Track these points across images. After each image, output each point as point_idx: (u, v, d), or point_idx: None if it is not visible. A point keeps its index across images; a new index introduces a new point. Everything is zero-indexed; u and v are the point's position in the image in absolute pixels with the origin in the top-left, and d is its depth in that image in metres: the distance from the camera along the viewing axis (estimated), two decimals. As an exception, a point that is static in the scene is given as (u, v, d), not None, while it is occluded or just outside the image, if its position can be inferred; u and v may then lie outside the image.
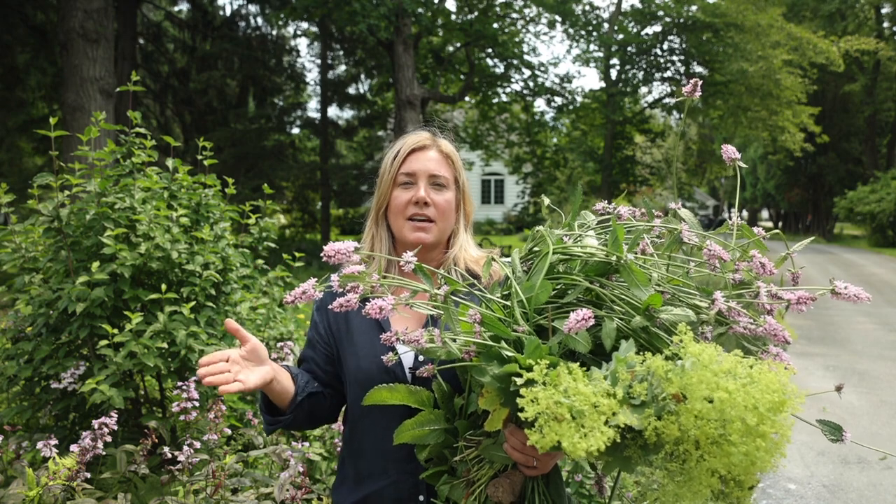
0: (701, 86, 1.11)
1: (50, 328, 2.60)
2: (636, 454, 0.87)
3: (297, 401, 1.31)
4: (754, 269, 1.04)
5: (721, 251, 1.04)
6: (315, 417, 1.39)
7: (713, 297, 1.01)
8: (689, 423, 0.81)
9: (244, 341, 1.21)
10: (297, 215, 20.66)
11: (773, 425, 0.79)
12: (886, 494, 3.92)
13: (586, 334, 0.98)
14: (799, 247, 1.09)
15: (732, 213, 1.17)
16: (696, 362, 0.83)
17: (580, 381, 0.85)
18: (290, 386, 1.31)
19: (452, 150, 1.45)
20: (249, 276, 3.18)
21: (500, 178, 33.04)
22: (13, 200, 2.69)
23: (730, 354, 0.86)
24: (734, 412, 0.79)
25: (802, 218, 36.85)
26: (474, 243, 1.48)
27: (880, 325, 9.29)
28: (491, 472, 1.15)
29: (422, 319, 1.35)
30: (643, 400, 0.85)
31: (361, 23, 11.51)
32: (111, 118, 7.75)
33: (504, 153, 20.03)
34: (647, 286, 1.01)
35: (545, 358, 0.91)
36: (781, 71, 16.41)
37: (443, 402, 1.18)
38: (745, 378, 0.82)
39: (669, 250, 1.13)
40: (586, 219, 1.26)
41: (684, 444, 0.83)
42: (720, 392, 0.79)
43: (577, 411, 0.82)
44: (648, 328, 1.00)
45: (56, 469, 2.03)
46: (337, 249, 1.04)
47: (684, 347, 0.86)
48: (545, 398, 0.84)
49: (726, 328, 1.02)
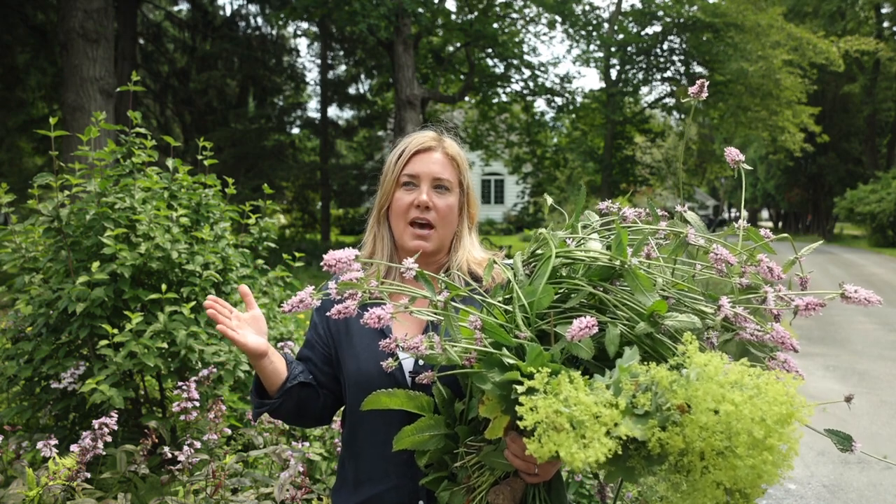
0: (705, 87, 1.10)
1: (50, 328, 2.60)
2: (639, 464, 0.86)
3: (287, 387, 1.31)
4: (761, 274, 1.02)
5: (728, 255, 1.02)
6: (304, 411, 1.37)
7: (719, 302, 0.99)
8: (693, 435, 0.80)
9: (249, 307, 1.31)
10: (297, 215, 20.67)
11: (781, 437, 0.78)
12: (886, 494, 3.92)
13: (590, 341, 0.97)
14: (808, 251, 1.07)
15: (733, 213, 1.15)
16: (701, 373, 0.81)
17: (581, 390, 0.84)
18: (283, 370, 1.32)
19: (458, 152, 1.42)
20: (249, 276, 3.18)
21: (500, 178, 33.04)
22: (13, 200, 2.69)
23: (737, 364, 0.84)
24: (741, 425, 0.77)
25: (802, 218, 36.85)
26: (479, 245, 1.46)
27: (880, 325, 9.29)
28: (492, 478, 1.13)
29: (423, 323, 1.33)
30: (647, 410, 0.83)
31: (361, 23, 11.51)
32: (111, 118, 7.74)
33: (504, 153, 20.02)
34: (651, 291, 1.00)
35: (547, 365, 0.89)
36: (781, 71, 16.43)
37: (443, 407, 1.17)
38: (753, 389, 0.80)
39: (675, 254, 1.11)
40: (590, 219, 1.24)
41: (689, 455, 0.82)
42: (726, 404, 0.78)
43: (577, 421, 0.81)
44: (653, 335, 0.99)
45: (56, 469, 2.03)
46: (338, 258, 1.01)
47: (689, 357, 0.84)
48: (545, 407, 0.82)
49: (733, 334, 1.00)
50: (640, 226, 1.18)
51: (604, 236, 1.18)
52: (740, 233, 1.10)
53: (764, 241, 1.07)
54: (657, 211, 1.21)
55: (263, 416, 2.73)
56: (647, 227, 1.17)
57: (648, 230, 1.15)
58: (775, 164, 31.58)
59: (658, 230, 1.15)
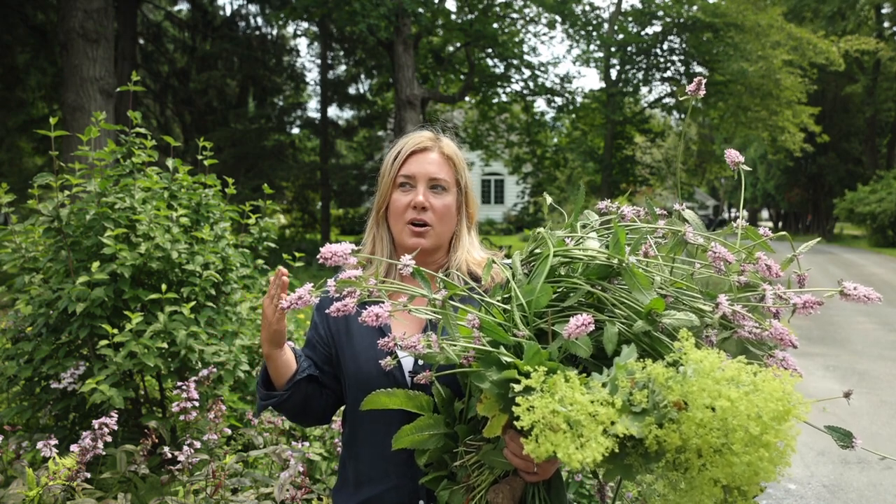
0: (703, 85, 1.10)
1: (50, 328, 2.60)
2: (637, 462, 0.86)
3: (296, 379, 1.31)
4: (760, 272, 1.02)
5: (726, 253, 1.02)
6: (308, 407, 1.37)
7: (717, 300, 0.99)
8: (690, 432, 0.79)
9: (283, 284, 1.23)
10: (297, 215, 20.67)
11: (778, 434, 0.77)
12: (886, 494, 3.92)
13: (587, 339, 0.97)
14: (805, 248, 1.07)
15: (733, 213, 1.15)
16: (697, 370, 0.81)
17: (577, 389, 0.83)
18: (293, 363, 1.32)
19: (455, 152, 1.42)
20: (249, 276, 3.18)
21: (500, 178, 33.04)
22: (13, 200, 2.68)
23: (734, 361, 0.84)
24: (737, 421, 0.77)
25: (802, 218, 36.86)
26: (479, 244, 1.46)
27: (880, 325, 9.29)
28: (491, 477, 1.13)
29: (422, 322, 1.33)
30: (644, 408, 0.83)
31: (361, 23, 11.51)
32: (111, 118, 7.74)
33: (504, 153, 20.02)
34: (649, 290, 1.00)
35: (544, 364, 0.89)
36: (781, 71, 16.43)
37: (443, 406, 1.17)
38: (749, 385, 0.80)
39: (674, 252, 1.11)
40: (589, 218, 1.23)
41: (686, 452, 0.82)
42: (722, 401, 0.77)
43: (573, 421, 0.81)
44: (651, 332, 0.99)
45: (56, 469, 2.03)
46: (334, 251, 1.01)
47: (686, 354, 0.84)
48: (541, 407, 0.82)
49: (731, 332, 1.00)
50: (637, 224, 1.18)
51: (603, 235, 1.18)
52: (739, 231, 1.10)
53: (763, 240, 1.07)
54: (656, 210, 1.20)
55: (263, 415, 2.74)
56: (645, 225, 1.16)
57: (646, 229, 1.14)
58: (775, 164, 31.58)
59: (656, 229, 1.15)
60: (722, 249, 1.02)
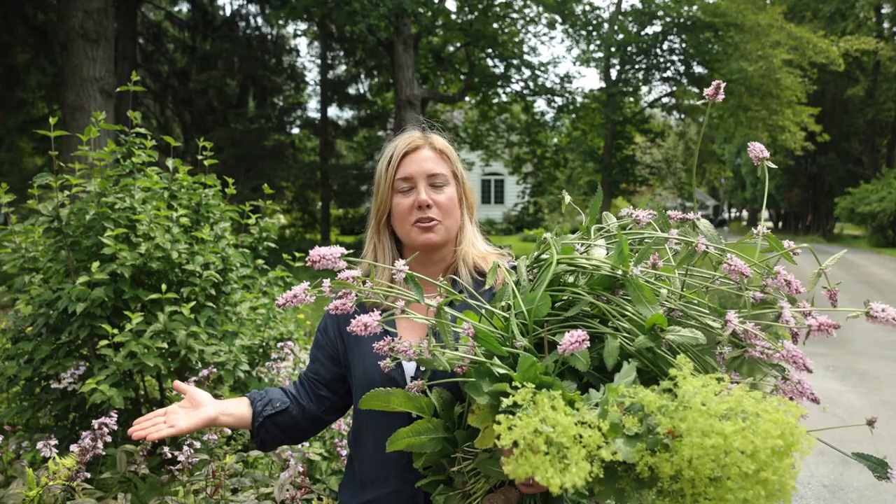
0: (703, 86, 1.08)
1: (50, 328, 2.60)
2: (629, 486, 0.82)
3: (255, 426, 1.36)
4: (780, 287, 0.96)
5: (743, 266, 0.95)
6: (293, 434, 1.41)
7: (726, 317, 0.92)
8: (683, 463, 0.75)
9: (182, 392, 1.32)
10: (297, 215, 20.67)
11: (776, 472, 0.72)
12: (886, 494, 3.92)
13: (586, 352, 0.94)
14: (832, 261, 0.99)
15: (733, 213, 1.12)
16: (689, 402, 0.76)
17: (560, 410, 0.79)
18: (246, 415, 1.35)
19: (445, 145, 1.41)
20: (249, 276, 3.18)
21: (500, 178, 33.03)
22: (13, 200, 2.68)
23: (738, 386, 0.79)
24: (730, 459, 0.72)
25: (802, 218, 36.84)
26: (481, 236, 1.45)
27: (880, 325, 9.27)
28: (487, 486, 1.11)
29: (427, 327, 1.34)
30: (637, 431, 0.79)
31: (361, 23, 11.51)
32: (111, 118, 7.74)
33: (504, 153, 20.02)
34: (653, 303, 0.96)
35: (537, 378, 0.86)
36: (781, 71, 16.43)
37: (443, 410, 1.15)
38: (752, 415, 0.75)
39: (686, 262, 1.05)
40: (608, 221, 1.20)
41: (680, 482, 0.77)
42: (715, 437, 0.73)
43: (555, 443, 0.76)
44: (654, 348, 0.95)
45: (56, 469, 2.03)
46: (322, 255, 1.00)
47: (679, 384, 0.79)
48: (521, 427, 0.77)
49: (742, 351, 0.94)
50: (645, 234, 1.13)
51: (612, 243, 1.14)
52: (759, 240, 1.01)
53: (785, 251, 1.00)
54: (668, 215, 1.14)
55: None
56: (655, 234, 1.11)
57: (655, 238, 1.09)
58: (775, 163, 31.49)
59: (668, 238, 1.09)
60: (738, 262, 0.95)
